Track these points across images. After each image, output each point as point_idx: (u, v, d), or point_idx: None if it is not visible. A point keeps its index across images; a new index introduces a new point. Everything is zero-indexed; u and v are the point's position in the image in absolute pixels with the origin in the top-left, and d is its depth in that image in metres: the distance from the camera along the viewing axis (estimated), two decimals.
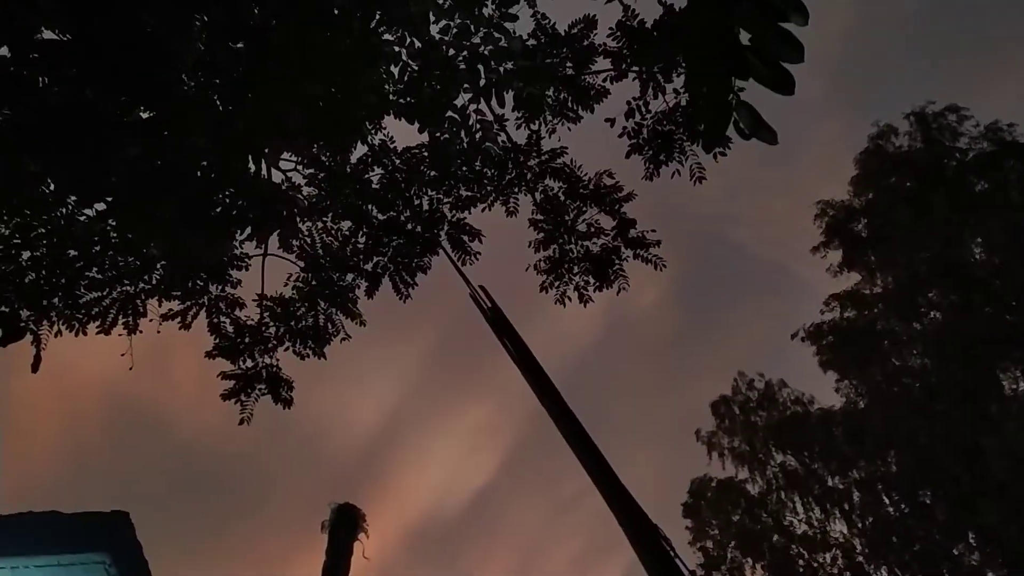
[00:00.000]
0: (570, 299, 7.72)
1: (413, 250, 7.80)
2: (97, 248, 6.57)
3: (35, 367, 3.85)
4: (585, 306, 7.62)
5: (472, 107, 5.14)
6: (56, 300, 6.62)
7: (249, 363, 8.14)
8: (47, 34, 3.43)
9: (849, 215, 24.33)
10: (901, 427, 20.69)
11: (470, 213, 7.73)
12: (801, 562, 22.12)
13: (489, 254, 7.75)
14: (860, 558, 21.81)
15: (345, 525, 3.49)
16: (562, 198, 7.44)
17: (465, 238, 7.66)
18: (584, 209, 7.44)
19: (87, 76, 3.45)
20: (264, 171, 4.28)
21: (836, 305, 24.02)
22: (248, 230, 3.56)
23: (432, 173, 7.53)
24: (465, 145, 6.22)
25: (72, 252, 6.59)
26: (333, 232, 7.99)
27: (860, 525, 22.23)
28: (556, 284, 7.72)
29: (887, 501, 21.89)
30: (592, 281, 7.54)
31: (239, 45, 3.88)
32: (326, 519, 3.57)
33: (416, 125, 4.82)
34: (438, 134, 5.07)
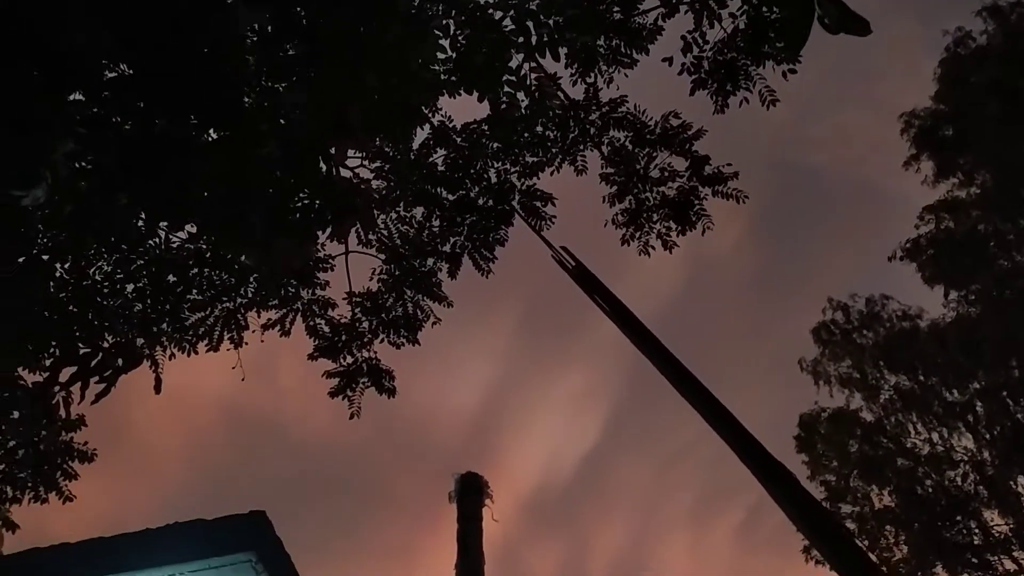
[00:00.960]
0: (653, 248, 7.59)
1: (488, 225, 7.82)
2: (194, 271, 6.88)
3: (157, 389, 4.07)
4: (671, 252, 7.48)
5: (527, 65, 5.06)
6: (164, 325, 6.98)
7: (349, 359, 8.41)
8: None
9: (936, 122, 22.90)
10: (1020, 332, 19.53)
11: (539, 178, 7.68)
12: (930, 482, 21.34)
13: (564, 216, 7.70)
14: (991, 470, 20.85)
15: (471, 492, 3.56)
16: (630, 147, 7.28)
17: (538, 204, 7.62)
18: (654, 154, 7.26)
19: (155, 107, 3.55)
20: (334, 170, 4.35)
21: (931, 217, 22.75)
22: (330, 228, 3.63)
23: (495, 145, 7.50)
24: (524, 109, 6.15)
25: (171, 278, 6.93)
26: (407, 220, 8.10)
27: (987, 437, 21.21)
28: (637, 235, 7.60)
29: (1013, 409, 20.79)
30: (674, 226, 7.38)
31: (291, 52, 3.94)
32: (451, 490, 3.65)
33: (475, 96, 4.78)
34: (498, 102, 5.02)
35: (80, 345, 3.63)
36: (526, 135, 7.19)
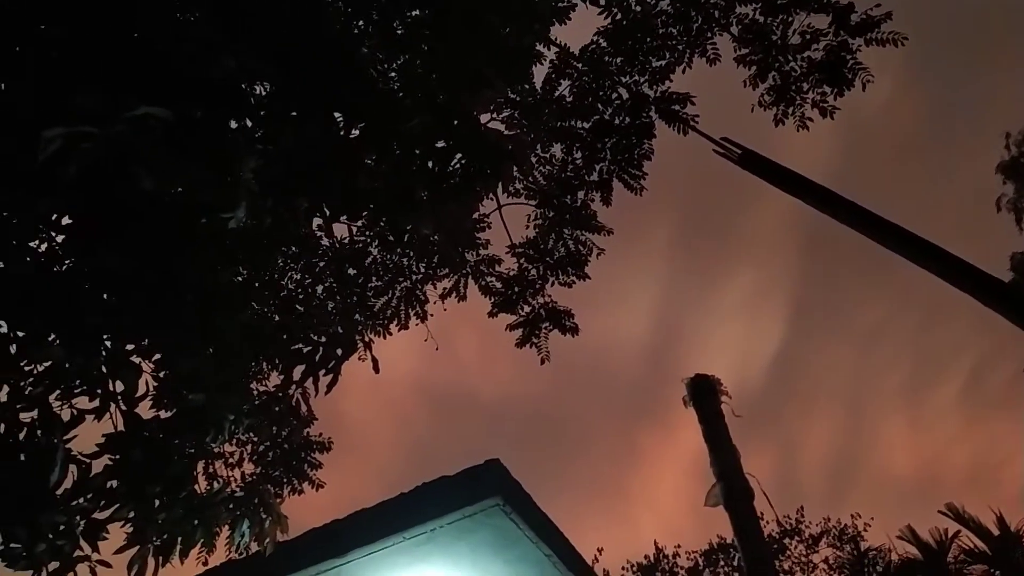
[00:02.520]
0: (811, 120, 7.05)
1: (629, 143, 7.62)
2: (369, 259, 7.32)
3: (376, 368, 4.38)
4: (832, 118, 6.91)
5: None
6: (357, 315, 7.51)
7: (527, 309, 8.63)
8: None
9: None
10: None
11: (671, 81, 7.35)
12: None
13: (706, 113, 7.32)
14: None
15: (705, 393, 3.55)
16: (761, 19, 6.76)
17: (676, 107, 7.31)
18: (790, 19, 6.70)
19: (306, 114, 3.72)
20: (481, 124, 4.40)
21: None
22: (490, 178, 3.69)
23: (618, 60, 7.26)
24: (638, 13, 5.88)
25: (352, 271, 7.41)
26: (549, 161, 8.08)
27: None
28: (789, 111, 7.09)
29: None
30: (828, 90, 6.81)
31: (410, 17, 3.99)
32: (684, 395, 3.66)
33: (584, 20, 4.63)
34: (613, 12, 4.82)
35: (300, 346, 3.93)
36: (648, 40, 6.89)
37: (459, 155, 3.83)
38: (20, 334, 3.17)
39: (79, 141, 2.49)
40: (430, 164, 3.73)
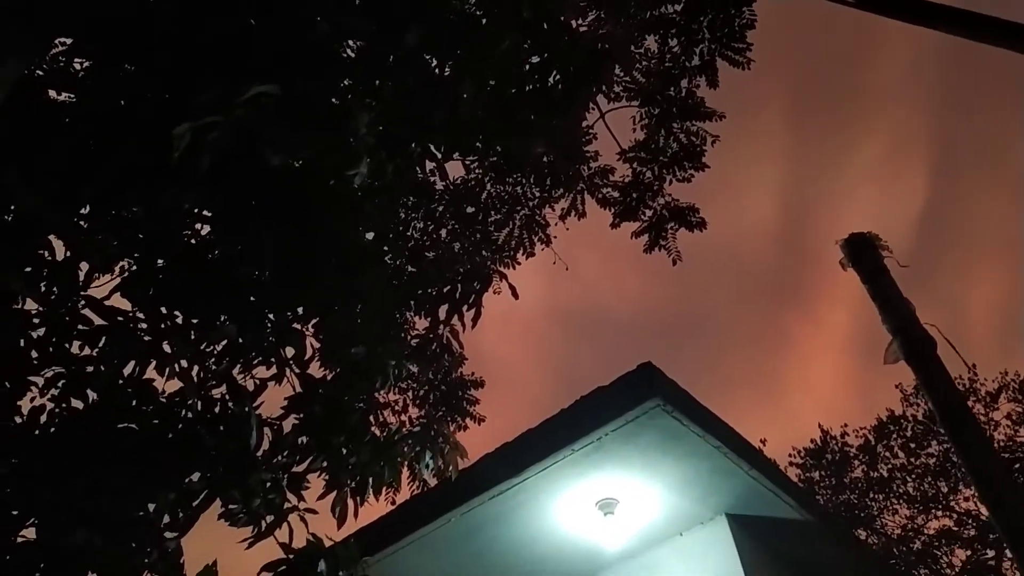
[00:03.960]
0: None
1: (728, 15, 7.13)
2: (485, 194, 7.41)
3: (515, 294, 4.49)
4: None
5: None
6: (484, 252, 7.66)
7: (648, 213, 8.44)
8: None
9: None
10: None
11: None
12: None
13: None
14: None
15: (863, 250, 3.36)
16: None
17: None
18: None
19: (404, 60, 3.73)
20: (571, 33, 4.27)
21: None
22: (592, 83, 3.60)
23: None
24: None
25: (470, 209, 7.53)
26: (645, 55, 7.74)
27: None
28: None
29: None
30: None
31: None
32: (842, 258, 3.48)
33: None
34: None
35: (432, 291, 4.06)
36: None
37: (556, 67, 3.75)
38: (194, 320, 3.47)
39: (206, 132, 2.64)
40: (529, 83, 3.69)
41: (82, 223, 3.25)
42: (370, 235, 3.95)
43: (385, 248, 4.06)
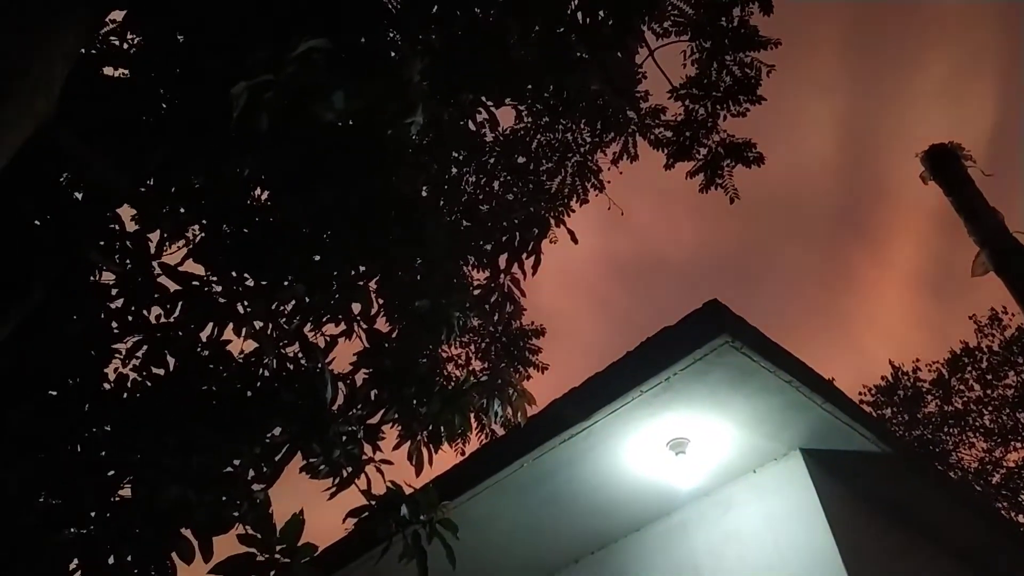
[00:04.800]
0: None
1: None
2: (535, 143, 7.33)
3: (574, 239, 4.47)
4: None
5: None
6: (537, 202, 7.61)
7: (703, 151, 8.22)
8: None
9: None
10: None
11: None
12: None
13: None
14: None
15: (947, 161, 3.21)
16: None
17: None
18: None
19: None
20: None
21: None
22: (643, 10, 3.49)
23: None
24: None
25: (521, 159, 7.48)
26: None
27: None
28: None
29: None
30: None
31: None
32: (922, 171, 3.34)
33: None
34: None
35: (487, 245, 4.06)
36: None
37: (602, 2, 3.65)
38: (264, 283, 3.55)
39: (262, 92, 2.65)
40: (576, 21, 3.60)
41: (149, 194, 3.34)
42: (425, 190, 3.96)
43: (441, 200, 4.07)
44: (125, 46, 3.66)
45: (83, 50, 3.12)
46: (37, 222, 2.94)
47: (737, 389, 4.37)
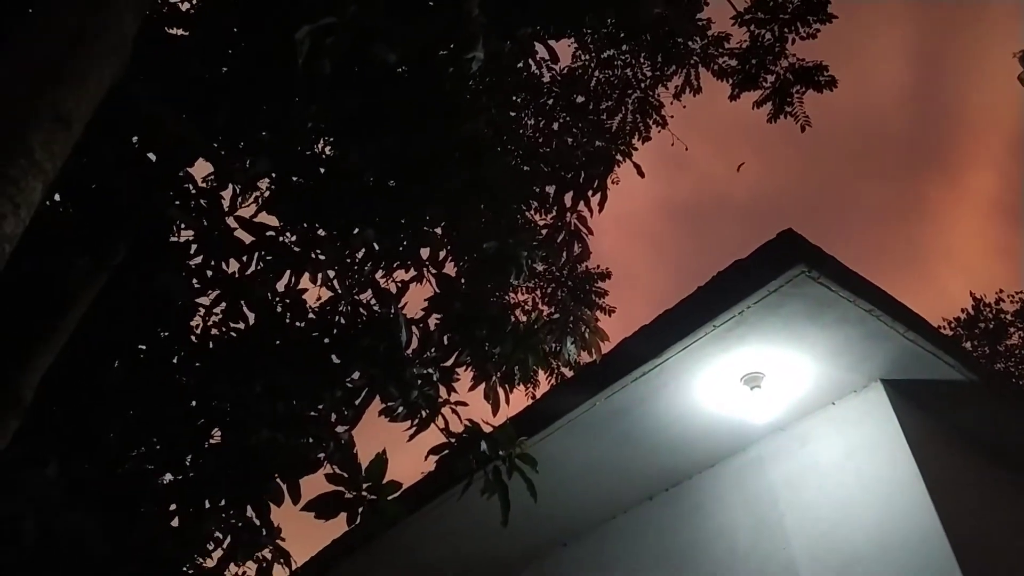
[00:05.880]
0: None
1: None
2: (594, 82, 7.17)
3: (641, 173, 4.38)
4: None
5: None
6: (598, 142, 7.47)
7: (770, 78, 7.90)
8: None
9: None
10: None
11: None
12: None
13: None
14: None
15: None
16: None
17: None
18: None
19: None
20: None
21: None
22: None
23: None
24: None
25: (580, 98, 7.33)
26: None
27: None
28: None
29: None
30: None
31: None
32: (1021, 72, 3.14)
33: None
34: None
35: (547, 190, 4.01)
36: None
37: None
38: (334, 232, 3.60)
39: (323, 36, 2.65)
40: None
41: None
42: (488, 132, 3.92)
43: (505, 138, 4.03)
44: (186, 6, 3.70)
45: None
46: (117, 182, 3.04)
47: (814, 320, 4.26)
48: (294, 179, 3.61)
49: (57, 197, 2.95)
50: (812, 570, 4.63)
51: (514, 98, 6.48)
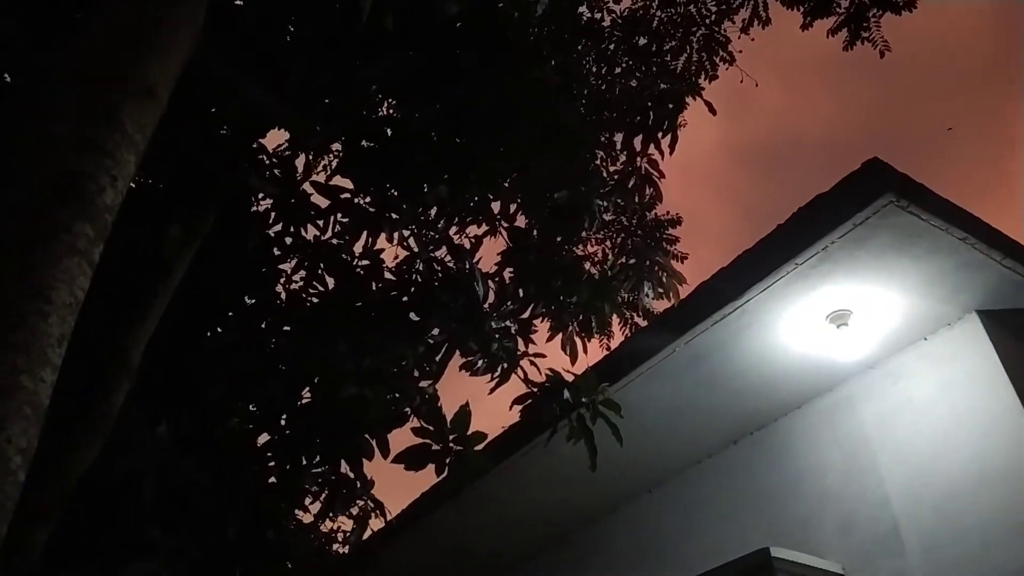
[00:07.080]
0: None
1: None
2: (655, 22, 6.93)
3: (712, 110, 4.25)
4: None
5: None
6: (663, 84, 7.26)
7: (844, 3, 7.46)
8: None
9: None
10: None
11: None
12: None
13: None
14: None
15: None
16: None
17: None
18: None
19: None
20: None
21: None
22: None
23: None
24: None
25: (642, 41, 7.11)
26: None
27: None
28: None
29: None
30: None
31: None
32: None
33: None
34: None
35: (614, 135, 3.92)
36: None
37: None
38: (407, 192, 3.64)
39: None
40: None
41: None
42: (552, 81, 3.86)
43: (572, 85, 3.96)
44: None
45: None
46: (201, 153, 3.13)
47: (904, 252, 4.08)
48: (363, 143, 3.65)
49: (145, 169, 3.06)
50: (908, 507, 4.52)
51: (576, 47, 6.35)
